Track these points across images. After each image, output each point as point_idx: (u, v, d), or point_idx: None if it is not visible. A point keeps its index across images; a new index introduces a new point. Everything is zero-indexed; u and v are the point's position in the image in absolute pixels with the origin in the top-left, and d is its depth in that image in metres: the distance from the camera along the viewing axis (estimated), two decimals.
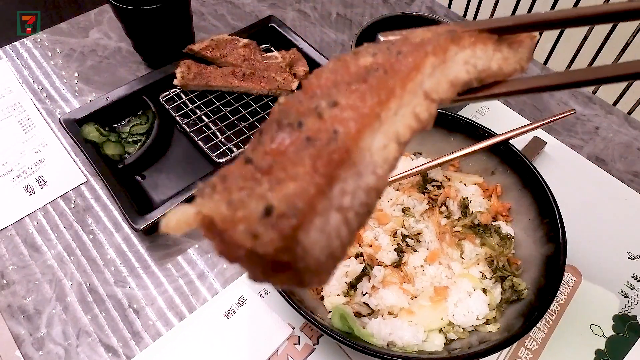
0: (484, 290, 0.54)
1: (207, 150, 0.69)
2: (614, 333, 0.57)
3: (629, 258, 0.63)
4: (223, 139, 0.72)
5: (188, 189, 0.63)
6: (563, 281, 0.59)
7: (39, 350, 0.55)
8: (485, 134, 0.62)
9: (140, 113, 0.76)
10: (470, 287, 0.54)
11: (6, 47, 0.88)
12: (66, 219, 0.66)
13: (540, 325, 0.57)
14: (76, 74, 0.84)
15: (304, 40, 0.84)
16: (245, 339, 0.56)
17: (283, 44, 0.84)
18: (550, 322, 0.58)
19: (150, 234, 0.65)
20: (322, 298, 0.55)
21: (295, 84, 0.77)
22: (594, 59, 0.90)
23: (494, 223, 0.60)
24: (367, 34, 0.77)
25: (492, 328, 0.52)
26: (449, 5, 1.01)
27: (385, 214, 0.59)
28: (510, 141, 0.61)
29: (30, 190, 0.69)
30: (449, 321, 0.52)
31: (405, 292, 0.53)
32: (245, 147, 0.22)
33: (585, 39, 0.91)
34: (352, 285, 0.55)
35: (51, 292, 0.60)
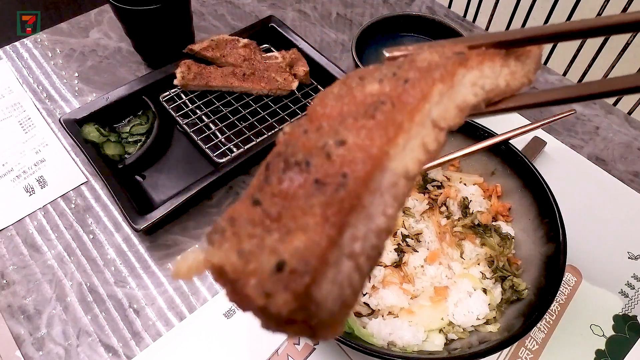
0: (484, 290, 0.54)
1: (207, 150, 0.69)
2: (614, 333, 0.57)
3: (629, 258, 0.63)
4: (223, 139, 0.72)
5: (188, 189, 0.63)
6: (563, 281, 0.59)
7: (39, 350, 0.55)
8: (485, 134, 0.61)
9: (140, 113, 0.76)
10: (471, 287, 0.54)
11: (6, 47, 0.88)
12: (66, 219, 0.66)
13: (541, 325, 0.57)
14: (76, 74, 0.84)
15: (304, 40, 0.84)
16: (246, 338, 0.56)
17: (283, 44, 0.84)
18: (551, 322, 0.58)
19: (150, 234, 0.65)
20: None
21: (295, 84, 0.77)
22: (594, 59, 0.90)
23: (494, 223, 0.60)
24: (367, 34, 0.77)
25: (492, 328, 0.52)
26: (449, 5, 1.01)
27: None
28: (510, 141, 0.61)
29: (31, 190, 0.69)
30: (449, 321, 0.52)
31: (406, 292, 0.53)
32: (252, 182, 0.22)
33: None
34: None
35: (51, 292, 0.60)
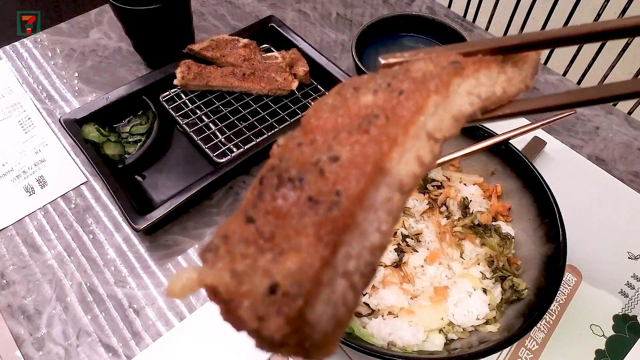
0: (484, 290, 0.54)
1: (207, 150, 0.69)
2: (614, 333, 0.57)
3: (629, 258, 0.63)
4: (223, 139, 0.72)
5: (188, 189, 0.63)
6: (563, 281, 0.59)
7: (39, 350, 0.55)
8: (485, 134, 0.61)
9: (140, 113, 0.76)
10: (471, 287, 0.54)
11: (6, 47, 0.88)
12: (66, 219, 0.66)
13: (540, 325, 0.57)
14: (76, 74, 0.84)
15: (304, 40, 0.84)
16: (246, 338, 0.56)
17: (283, 44, 0.84)
18: (550, 322, 0.58)
19: (150, 234, 0.65)
20: None
21: (295, 84, 0.77)
22: (594, 59, 0.90)
23: (494, 223, 0.60)
24: (367, 34, 0.77)
25: (492, 328, 0.52)
26: (449, 5, 1.01)
27: None
28: (510, 141, 0.61)
29: (31, 190, 0.69)
30: (449, 321, 0.52)
31: (406, 292, 0.53)
32: (246, 195, 0.22)
33: None
34: None
35: (51, 292, 0.60)
